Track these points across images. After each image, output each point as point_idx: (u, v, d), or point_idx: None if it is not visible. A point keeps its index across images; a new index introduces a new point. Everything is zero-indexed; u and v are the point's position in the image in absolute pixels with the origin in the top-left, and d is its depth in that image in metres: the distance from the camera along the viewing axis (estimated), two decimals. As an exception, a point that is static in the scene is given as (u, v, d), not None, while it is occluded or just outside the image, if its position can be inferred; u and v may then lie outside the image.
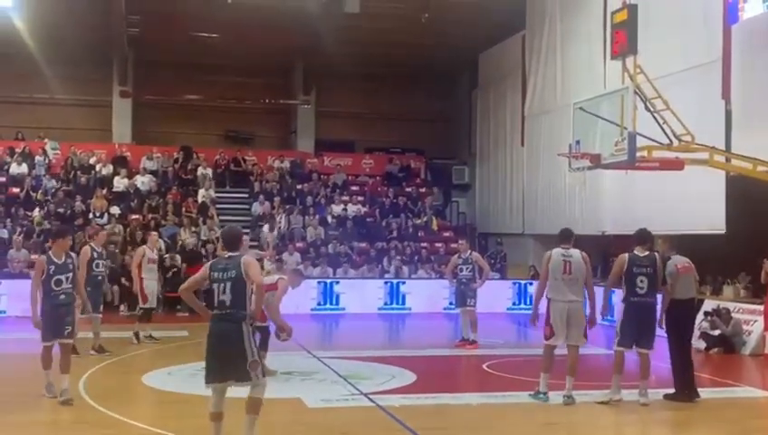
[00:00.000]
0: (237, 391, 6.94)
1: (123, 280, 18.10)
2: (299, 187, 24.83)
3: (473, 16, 23.23)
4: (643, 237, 9.86)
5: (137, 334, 13.81)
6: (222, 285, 6.82)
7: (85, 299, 10.96)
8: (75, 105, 26.02)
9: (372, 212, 24.62)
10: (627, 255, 9.68)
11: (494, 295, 19.32)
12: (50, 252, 9.36)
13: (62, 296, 9.14)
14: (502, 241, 23.73)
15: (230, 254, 7.02)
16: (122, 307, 18.29)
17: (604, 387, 9.64)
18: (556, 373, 9.58)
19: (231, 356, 6.75)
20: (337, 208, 23.97)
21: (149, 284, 14.09)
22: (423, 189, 26.47)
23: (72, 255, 9.60)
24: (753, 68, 14.77)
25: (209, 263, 7.20)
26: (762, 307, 13.97)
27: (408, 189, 26.07)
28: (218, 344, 6.78)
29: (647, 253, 9.74)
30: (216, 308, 6.86)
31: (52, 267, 9.08)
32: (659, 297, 9.90)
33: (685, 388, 9.87)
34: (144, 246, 14.52)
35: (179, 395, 9.77)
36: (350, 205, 24.35)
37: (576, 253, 9.62)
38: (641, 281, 9.54)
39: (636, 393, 9.54)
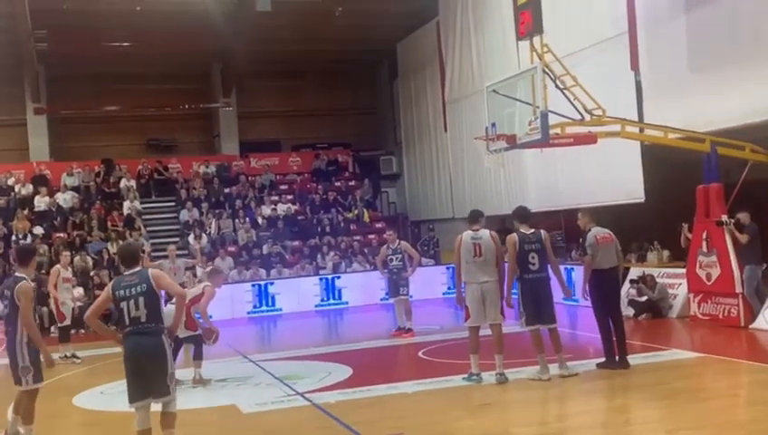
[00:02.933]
0: (156, 405, 6.86)
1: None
2: (226, 190, 24.57)
3: (387, 6, 23.30)
4: (524, 215, 10.09)
5: (66, 356, 13.59)
6: (132, 301, 6.68)
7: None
8: (-12, 126, 25.31)
9: (303, 210, 24.50)
10: (515, 235, 9.85)
11: (429, 282, 19.52)
12: None
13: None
14: (433, 227, 23.89)
15: (132, 270, 6.88)
16: (53, 329, 17.87)
17: (536, 363, 9.78)
18: (487, 354, 9.71)
19: (153, 371, 6.66)
20: (267, 209, 23.78)
21: (66, 302, 14.09)
22: (352, 183, 26.41)
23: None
24: (659, 38, 15.12)
25: (110, 283, 7.04)
26: (684, 270, 14.37)
27: (338, 184, 26.01)
28: (139, 360, 6.67)
29: (532, 230, 9.92)
30: (130, 326, 6.72)
31: None
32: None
33: (614, 355, 10.11)
34: (58, 266, 14.46)
35: (112, 414, 9.54)
36: (279, 204, 24.19)
37: (485, 234, 9.76)
38: (533, 257, 9.73)
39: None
